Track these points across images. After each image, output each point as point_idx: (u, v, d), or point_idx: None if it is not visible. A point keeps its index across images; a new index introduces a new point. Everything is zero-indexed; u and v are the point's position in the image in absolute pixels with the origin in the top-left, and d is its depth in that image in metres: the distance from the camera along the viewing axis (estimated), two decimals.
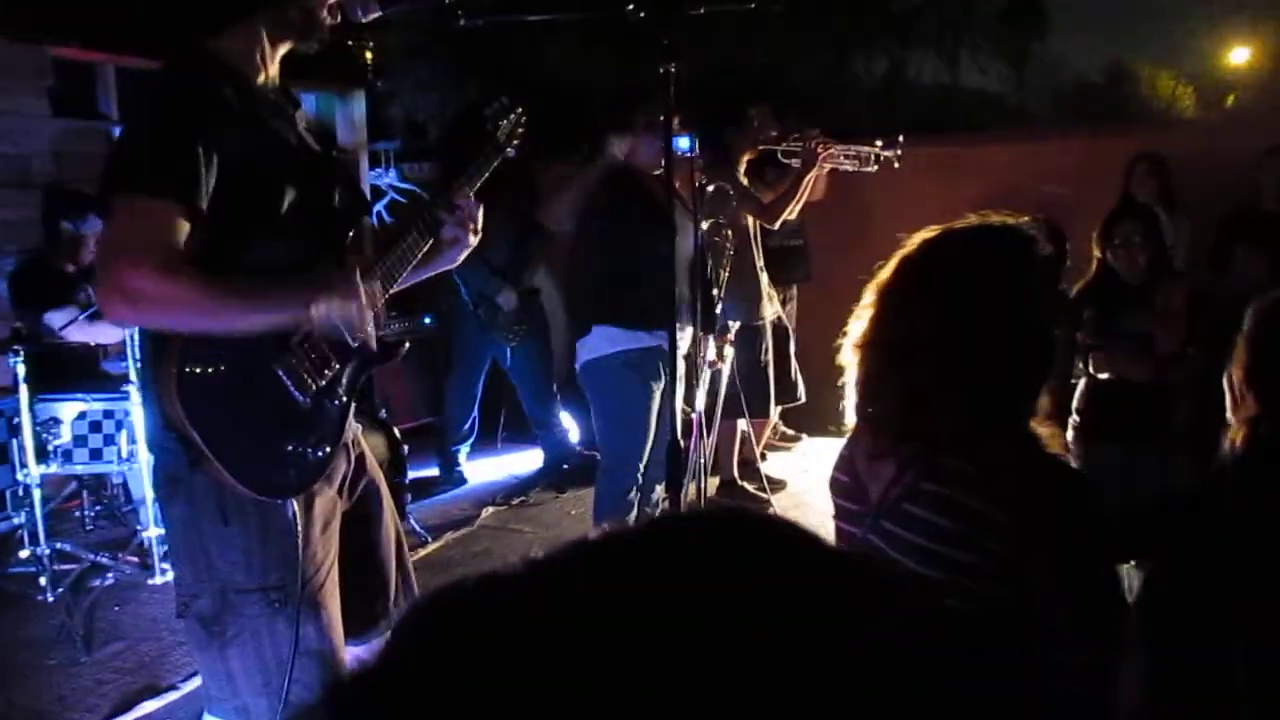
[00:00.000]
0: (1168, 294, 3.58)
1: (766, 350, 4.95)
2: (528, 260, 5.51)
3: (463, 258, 2.22)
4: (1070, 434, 3.66)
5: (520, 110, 2.30)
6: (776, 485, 5.29)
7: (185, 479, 1.81)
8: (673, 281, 2.06)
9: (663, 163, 3.08)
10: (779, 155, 4.87)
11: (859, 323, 1.62)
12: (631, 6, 1.92)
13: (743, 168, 4.82)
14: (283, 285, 1.80)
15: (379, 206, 6.97)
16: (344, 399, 1.95)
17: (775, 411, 5.38)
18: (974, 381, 1.49)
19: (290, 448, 1.85)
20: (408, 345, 2.10)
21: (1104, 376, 3.59)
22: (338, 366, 1.92)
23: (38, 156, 5.25)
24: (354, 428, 2.06)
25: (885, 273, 1.62)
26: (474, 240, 2.20)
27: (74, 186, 4.96)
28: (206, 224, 1.72)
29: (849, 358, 1.63)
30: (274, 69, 1.91)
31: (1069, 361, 3.75)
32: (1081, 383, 3.69)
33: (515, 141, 2.29)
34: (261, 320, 1.77)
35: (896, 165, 4.67)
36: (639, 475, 3.61)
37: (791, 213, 4.85)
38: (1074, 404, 3.71)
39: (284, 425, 1.84)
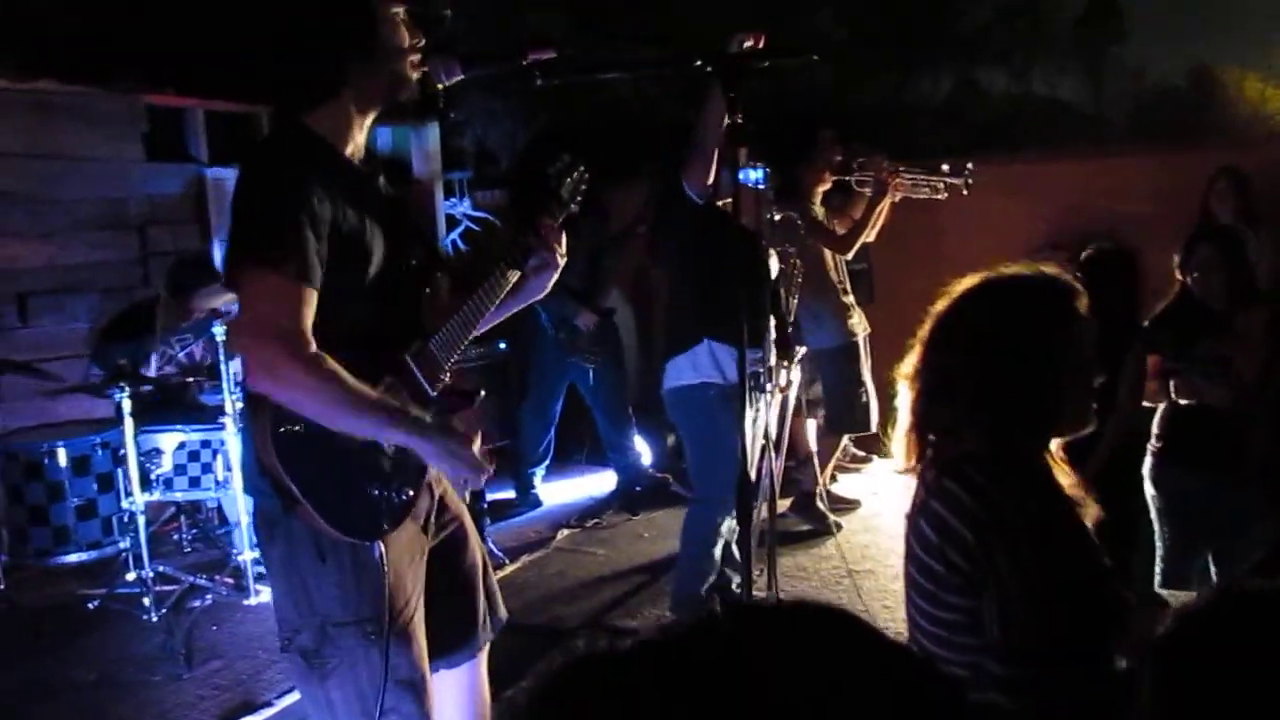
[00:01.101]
0: (1248, 318, 3.53)
1: (863, 366, 5.01)
2: (603, 281, 5.66)
3: (549, 285, 2.33)
4: (1149, 459, 3.63)
5: (583, 169, 2.40)
6: (850, 505, 5.32)
7: (282, 522, 1.95)
8: (761, 297, 2.13)
9: (730, 198, 3.20)
10: (853, 185, 4.93)
11: (910, 355, 1.76)
12: (699, 63, 2.01)
13: (817, 198, 4.89)
14: (402, 417, 1.94)
15: (454, 235, 7.18)
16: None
17: (843, 437, 5.42)
18: (996, 417, 1.64)
19: (376, 492, 1.99)
20: (483, 394, 2.23)
21: (1184, 402, 3.54)
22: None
23: (133, 200, 5.54)
24: (435, 470, 2.19)
25: (931, 315, 1.74)
26: (560, 264, 2.30)
27: (189, 248, 5.18)
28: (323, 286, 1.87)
29: (901, 388, 1.77)
30: (361, 137, 2.05)
31: (1138, 383, 3.70)
32: (1161, 407, 3.65)
33: (578, 198, 2.40)
34: (367, 431, 1.93)
35: (965, 192, 4.68)
36: (732, 510, 3.66)
37: (869, 237, 4.92)
38: (1153, 428, 3.66)
39: (370, 471, 1.98)
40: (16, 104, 5.08)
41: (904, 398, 1.76)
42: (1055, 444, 1.73)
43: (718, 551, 3.79)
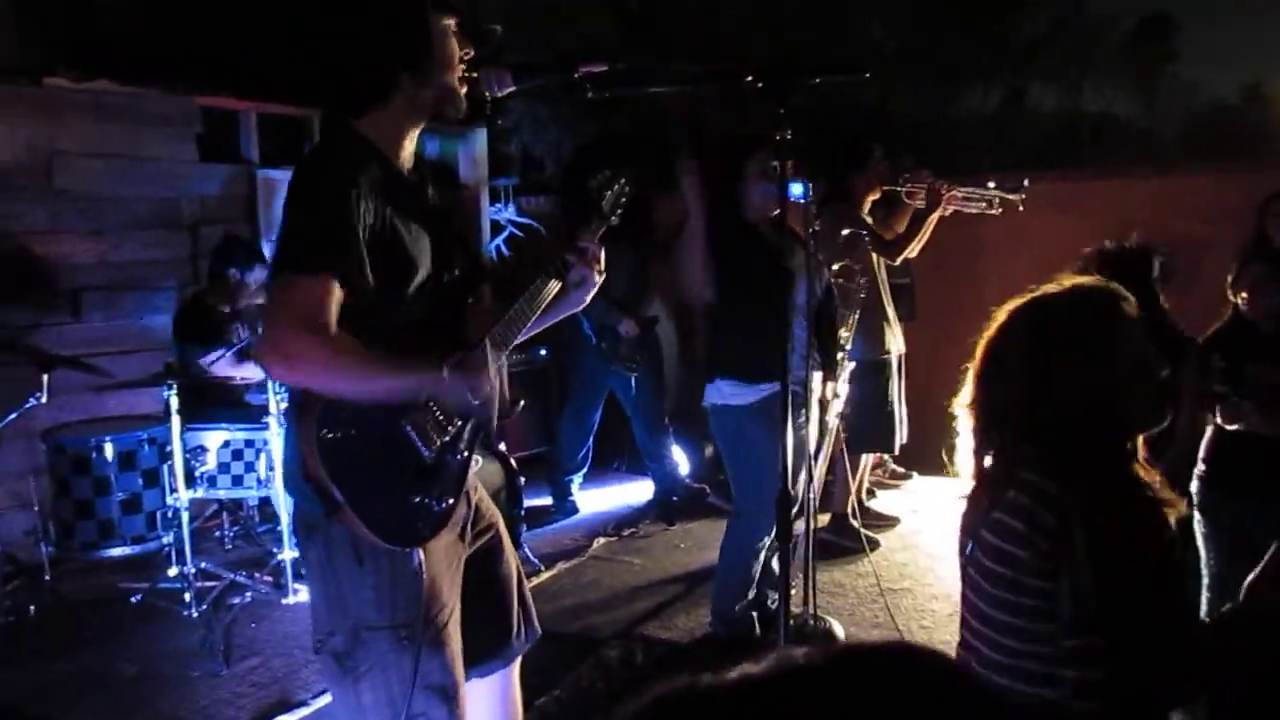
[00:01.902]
0: None
1: (892, 384, 4.97)
2: (645, 290, 5.67)
3: (589, 299, 2.34)
4: (1196, 484, 3.56)
5: (624, 182, 2.41)
6: (889, 522, 5.28)
7: (321, 525, 1.97)
8: (786, 329, 2.13)
9: (776, 210, 3.20)
10: (903, 198, 4.90)
11: (967, 383, 1.76)
12: (750, 78, 2.01)
13: (866, 208, 4.87)
14: (419, 360, 1.96)
15: (498, 240, 7.23)
16: (465, 454, 2.10)
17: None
18: (1065, 433, 1.64)
19: (416, 499, 2.00)
20: (523, 404, 2.24)
21: (1232, 428, 3.47)
22: (459, 423, 2.06)
23: (187, 199, 5.64)
24: (472, 477, 2.20)
25: (984, 338, 1.73)
26: (599, 280, 2.31)
27: (236, 233, 5.31)
28: (365, 289, 1.89)
29: (961, 414, 1.77)
30: (410, 146, 2.07)
31: (1197, 407, 3.64)
32: (1209, 431, 3.58)
33: (619, 210, 2.41)
34: (397, 389, 1.94)
35: (1020, 209, 4.63)
36: (770, 532, 3.66)
37: (913, 251, 4.89)
38: (1200, 454, 3.59)
39: (410, 478, 1.99)
40: (74, 104, 5.20)
41: (965, 424, 1.78)
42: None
43: (757, 567, 3.78)
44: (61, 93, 5.17)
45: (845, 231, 4.25)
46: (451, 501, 2.06)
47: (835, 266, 4.11)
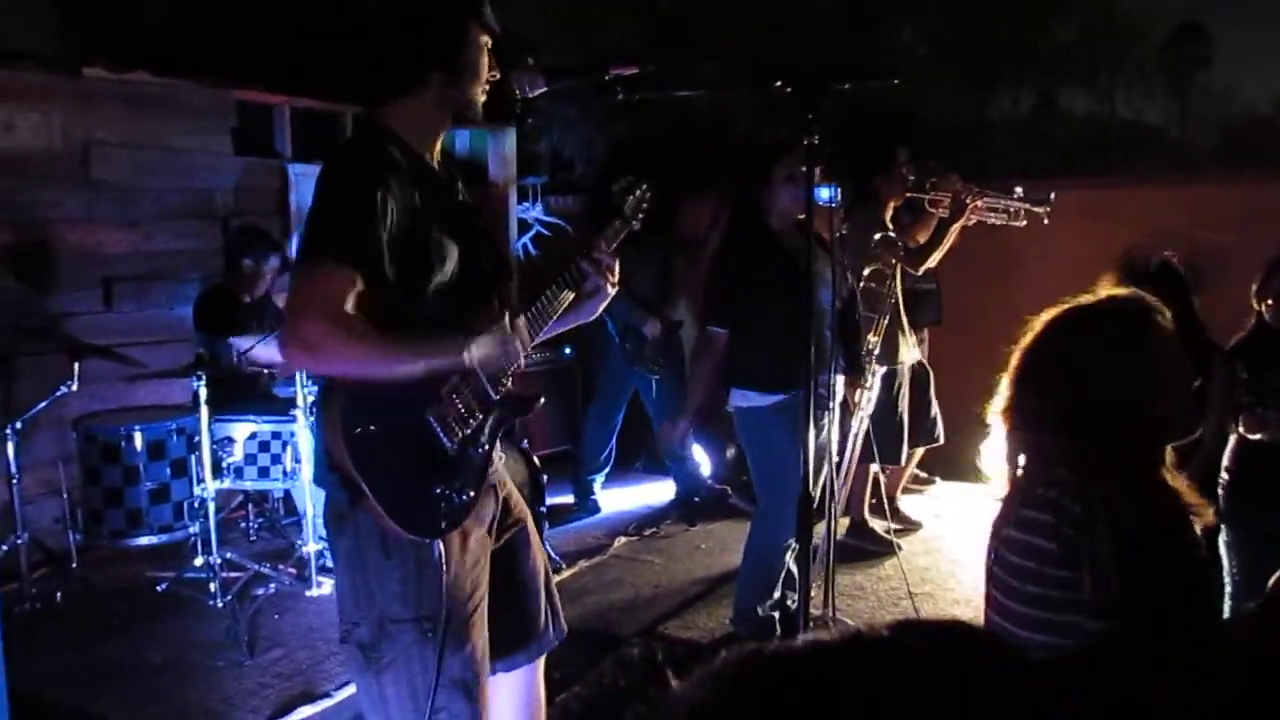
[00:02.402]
0: None
1: (901, 395, 4.94)
2: (671, 291, 5.68)
3: (601, 309, 2.37)
4: (1220, 493, 3.53)
5: (645, 187, 2.45)
6: (912, 526, 5.26)
7: (350, 516, 2.00)
8: (805, 337, 2.12)
9: (801, 214, 3.20)
10: (926, 205, 4.86)
11: (1002, 390, 1.76)
12: (779, 83, 2.01)
13: (888, 214, 4.85)
14: (440, 335, 1.99)
15: (524, 239, 7.25)
16: (486, 447, 2.11)
17: (917, 454, 5.35)
18: (1097, 441, 1.64)
19: (438, 490, 2.02)
20: (543, 400, 2.26)
21: (1255, 437, 3.45)
22: (481, 416, 2.08)
23: (220, 191, 5.69)
24: (500, 472, 2.22)
25: (1020, 346, 1.73)
26: (612, 291, 2.34)
27: (253, 222, 5.37)
28: (387, 282, 1.92)
29: (995, 421, 1.77)
30: (437, 144, 2.12)
31: (1224, 417, 3.61)
32: (1232, 440, 3.55)
33: (640, 215, 2.44)
34: (422, 365, 1.96)
35: (1046, 221, 4.59)
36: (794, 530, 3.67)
37: (933, 260, 4.85)
38: (1224, 462, 3.57)
39: (433, 470, 2.01)
40: (111, 95, 5.25)
41: (998, 431, 1.78)
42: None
43: (781, 567, 3.78)
44: (99, 84, 5.23)
45: (879, 235, 4.24)
46: (472, 494, 2.08)
47: (867, 270, 4.10)
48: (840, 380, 3.78)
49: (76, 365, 4.23)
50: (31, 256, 4.97)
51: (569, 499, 5.81)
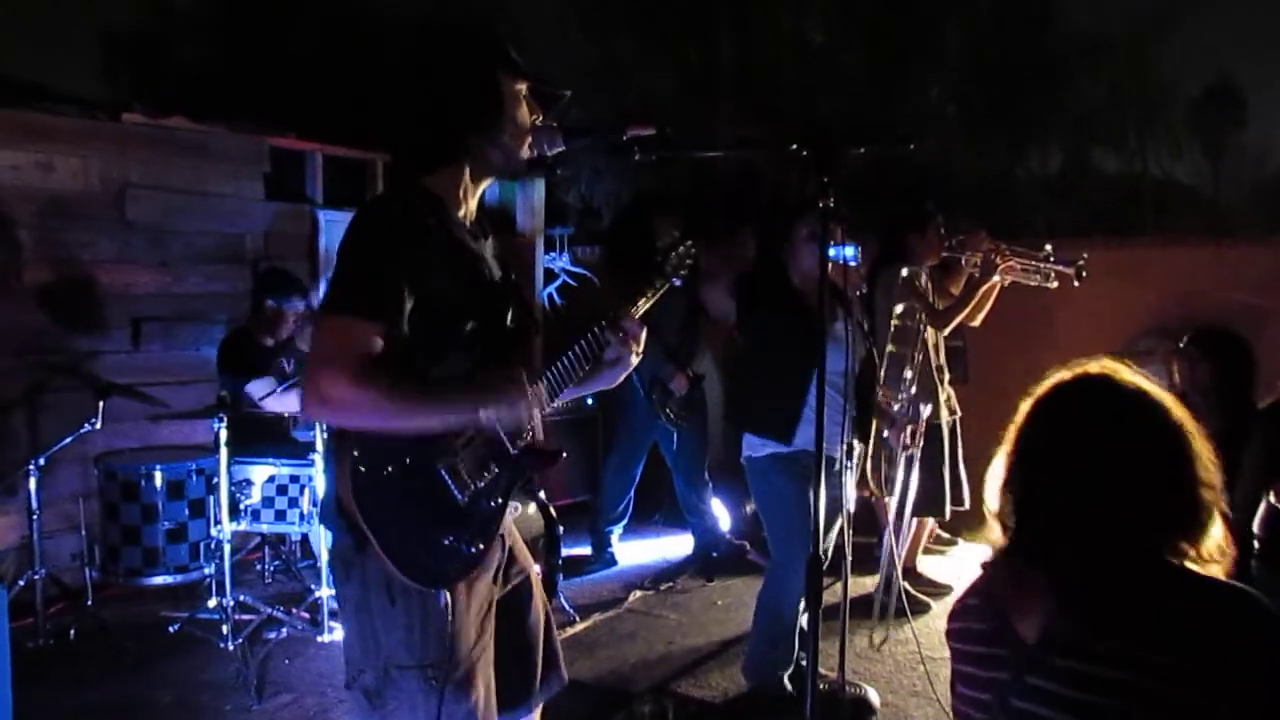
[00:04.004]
0: None
1: (944, 451, 4.89)
2: (695, 345, 5.66)
3: (620, 379, 2.35)
4: (1253, 561, 3.46)
5: (690, 245, 2.43)
6: (940, 590, 5.16)
7: (357, 561, 1.99)
8: (812, 394, 2.11)
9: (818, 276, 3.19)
10: (962, 262, 4.83)
11: (1000, 462, 1.64)
12: (795, 146, 2.02)
13: (924, 273, 4.83)
14: (457, 391, 1.98)
15: (550, 288, 7.29)
16: (500, 500, 2.09)
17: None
18: (1117, 523, 1.49)
19: (447, 541, 2.00)
20: (565, 454, 2.24)
21: None
22: (496, 470, 2.07)
23: (250, 235, 5.78)
24: (508, 521, 2.20)
25: (1020, 415, 1.65)
26: (635, 361, 2.32)
27: (280, 266, 5.44)
28: (404, 338, 1.91)
29: (992, 495, 1.64)
30: (473, 202, 2.11)
31: (1257, 482, 3.54)
32: (1263, 507, 3.48)
33: (682, 272, 2.42)
34: (437, 421, 1.95)
35: (1076, 284, 4.55)
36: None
37: (975, 320, 4.81)
38: (1255, 529, 3.50)
39: (443, 520, 2.00)
40: (148, 139, 5.37)
41: (996, 503, 1.62)
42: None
43: (793, 621, 3.72)
44: (137, 128, 5.35)
45: (905, 271, 4.22)
46: (482, 547, 2.06)
47: (899, 309, 4.08)
48: (851, 443, 3.73)
49: (101, 403, 4.28)
50: (64, 294, 5.06)
51: (586, 550, 5.77)
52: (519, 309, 2.20)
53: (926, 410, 4.35)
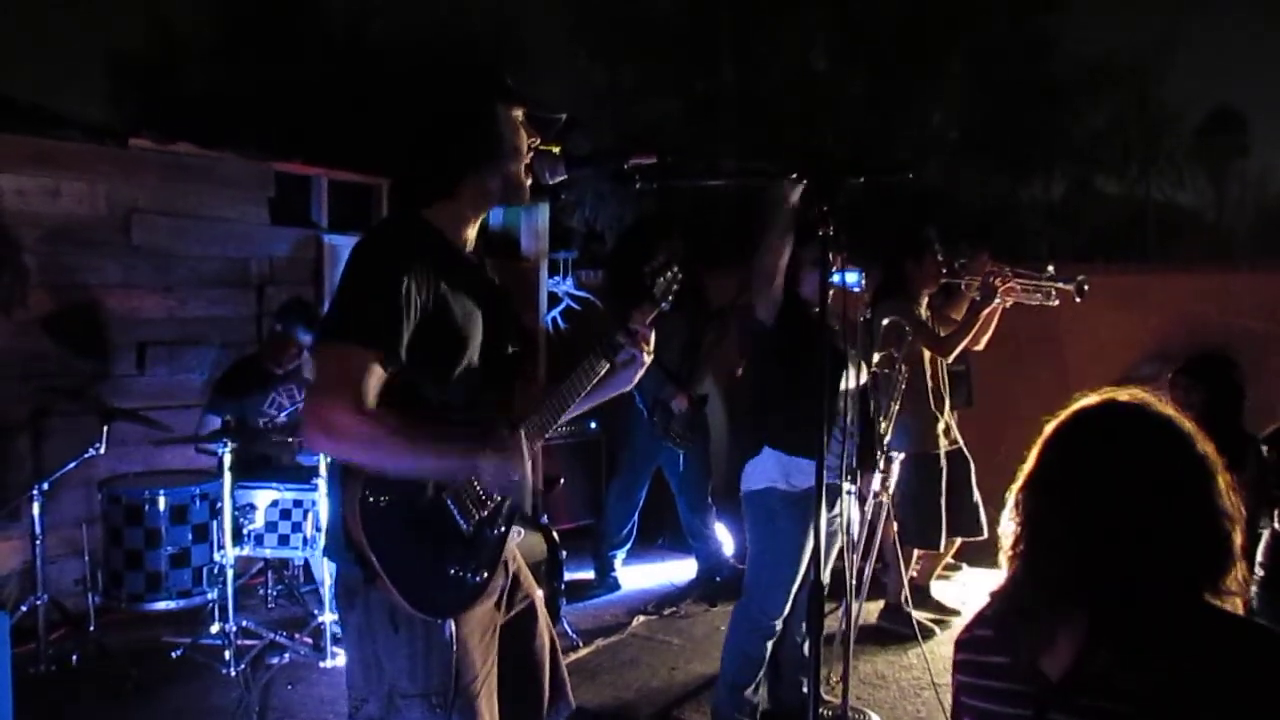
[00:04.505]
0: None
1: (940, 480, 4.85)
2: (698, 364, 5.67)
3: (637, 378, 2.37)
4: (1254, 588, 3.45)
5: (676, 269, 2.45)
6: (948, 615, 5.13)
7: (361, 591, 1.99)
8: (830, 410, 2.12)
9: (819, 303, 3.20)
10: (961, 287, 4.83)
11: (1015, 493, 1.60)
12: (795, 175, 2.03)
13: (924, 299, 4.82)
14: (457, 443, 1.96)
15: (554, 312, 7.31)
16: (503, 529, 2.11)
17: (955, 543, 5.21)
18: (1148, 558, 1.45)
19: (452, 571, 2.01)
20: (563, 481, 2.26)
21: None
22: (498, 499, 2.08)
23: (255, 260, 5.80)
24: (511, 548, 2.21)
25: (1041, 443, 1.61)
26: (647, 360, 2.35)
27: (303, 296, 5.44)
28: (408, 366, 1.92)
29: (1007, 528, 1.60)
30: (472, 231, 2.13)
31: (1257, 511, 3.56)
32: (1265, 535, 3.49)
33: (670, 296, 2.44)
34: (433, 469, 1.97)
35: (1079, 300, 4.56)
36: (777, 622, 3.56)
37: (979, 344, 4.80)
38: (1258, 556, 3.50)
39: (448, 550, 2.01)
40: (154, 164, 5.41)
41: (1011, 536, 1.59)
42: None
43: (760, 655, 3.66)
44: (144, 153, 5.38)
45: (886, 321, 4.22)
46: (486, 575, 2.07)
47: (877, 357, 4.07)
48: (854, 468, 3.70)
49: (106, 428, 4.29)
50: (69, 319, 5.08)
51: (589, 575, 5.75)
52: (516, 337, 2.21)
53: (899, 457, 4.30)
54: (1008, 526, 1.61)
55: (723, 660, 3.78)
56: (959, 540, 5.18)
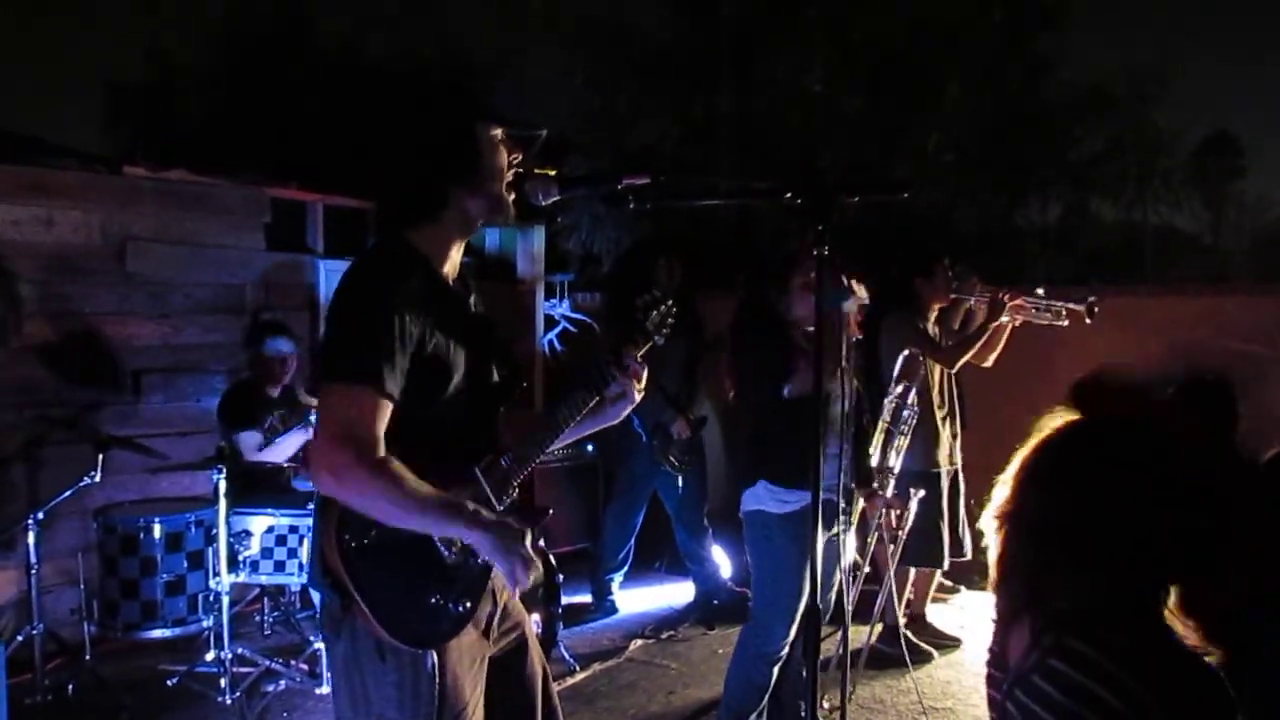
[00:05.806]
0: None
1: (942, 499, 4.84)
2: (694, 390, 5.67)
3: (624, 414, 2.35)
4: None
5: (670, 303, 2.42)
6: (946, 641, 5.10)
7: (344, 620, 1.98)
8: (816, 438, 2.10)
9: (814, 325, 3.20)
10: (972, 304, 4.86)
11: (1000, 491, 1.65)
12: (789, 195, 2.03)
13: (932, 317, 4.84)
14: (459, 512, 1.93)
15: (551, 335, 7.32)
16: (487, 560, 2.08)
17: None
18: (1105, 565, 1.51)
19: (434, 600, 2.00)
20: (551, 512, 2.25)
21: None
22: None
23: (250, 286, 5.80)
24: (499, 577, 2.19)
25: (1027, 449, 1.65)
26: (638, 397, 2.33)
27: (271, 317, 5.45)
28: (398, 399, 1.92)
29: (989, 526, 1.65)
30: (457, 256, 2.13)
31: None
32: None
33: (664, 330, 2.42)
34: (429, 529, 1.95)
35: (1089, 320, 4.57)
36: (783, 649, 3.54)
37: (984, 360, 4.81)
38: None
39: (430, 579, 1.99)
40: (149, 192, 5.42)
41: (993, 540, 1.63)
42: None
43: (765, 680, 3.63)
44: (138, 181, 5.40)
45: (903, 355, 4.22)
46: (470, 604, 2.05)
47: (898, 389, 4.08)
48: (850, 489, 3.68)
49: (100, 456, 4.28)
50: (65, 348, 5.08)
51: (586, 598, 5.73)
52: (504, 364, 2.21)
53: (915, 497, 4.28)
54: (990, 527, 1.65)
55: (726, 686, 3.75)
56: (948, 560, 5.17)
